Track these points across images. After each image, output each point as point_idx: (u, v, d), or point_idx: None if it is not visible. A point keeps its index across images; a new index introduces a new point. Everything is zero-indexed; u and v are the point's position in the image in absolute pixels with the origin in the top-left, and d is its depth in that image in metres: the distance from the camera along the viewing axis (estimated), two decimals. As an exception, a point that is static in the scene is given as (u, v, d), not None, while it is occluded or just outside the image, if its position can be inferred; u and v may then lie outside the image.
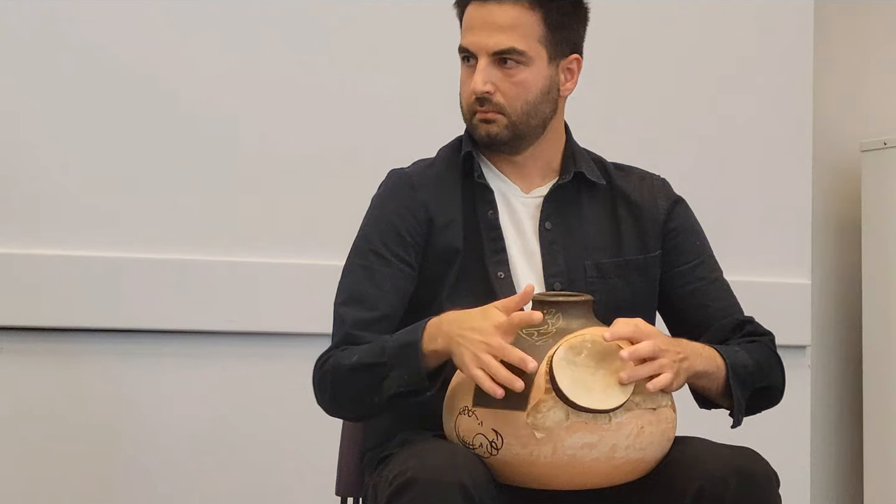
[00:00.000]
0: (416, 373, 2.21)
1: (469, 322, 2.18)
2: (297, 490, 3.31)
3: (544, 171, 2.49)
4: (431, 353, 2.21)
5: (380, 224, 2.44)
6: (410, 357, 2.22)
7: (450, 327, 2.20)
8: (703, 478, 2.17)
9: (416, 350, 2.21)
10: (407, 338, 2.25)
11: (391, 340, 2.27)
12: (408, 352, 2.22)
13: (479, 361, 2.14)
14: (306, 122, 3.43)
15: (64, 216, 3.21)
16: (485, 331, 2.15)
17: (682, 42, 3.91)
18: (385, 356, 2.24)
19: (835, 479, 4.24)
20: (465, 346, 2.16)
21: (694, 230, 2.55)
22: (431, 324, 2.23)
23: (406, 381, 2.22)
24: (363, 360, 2.27)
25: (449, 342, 2.19)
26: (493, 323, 2.16)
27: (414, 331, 2.24)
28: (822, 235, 4.21)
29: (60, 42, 3.22)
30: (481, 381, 2.13)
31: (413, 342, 2.22)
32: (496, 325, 2.15)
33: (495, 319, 2.16)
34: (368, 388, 2.26)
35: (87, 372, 3.22)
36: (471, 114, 2.43)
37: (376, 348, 2.27)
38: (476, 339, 2.15)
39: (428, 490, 2.07)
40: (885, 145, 4.11)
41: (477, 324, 2.17)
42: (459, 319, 2.20)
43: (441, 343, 2.20)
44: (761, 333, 2.48)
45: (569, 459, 2.14)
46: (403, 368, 2.22)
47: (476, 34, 2.39)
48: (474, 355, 2.14)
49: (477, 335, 2.15)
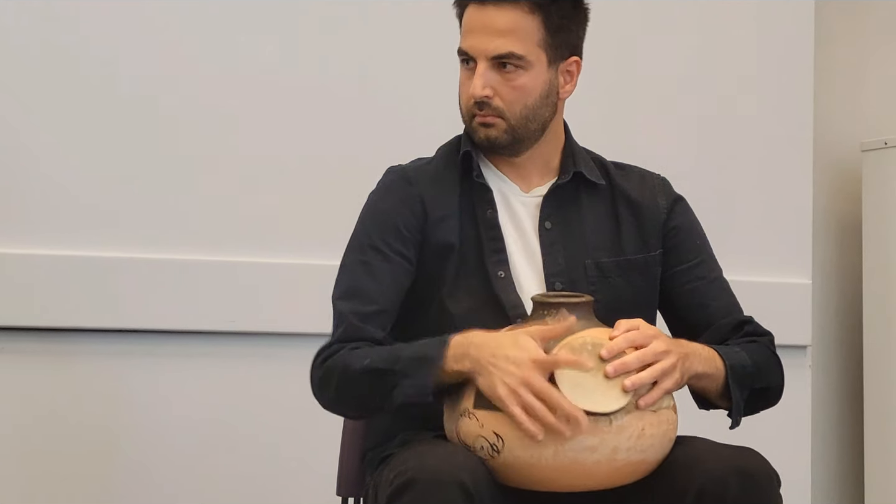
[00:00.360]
0: (430, 386, 2.19)
1: (502, 350, 2.14)
2: (298, 490, 3.31)
3: (543, 171, 2.49)
4: (454, 372, 2.19)
5: (377, 219, 2.43)
6: (427, 371, 2.19)
7: (478, 352, 2.16)
8: (704, 478, 2.17)
9: (435, 365, 2.19)
10: (426, 351, 2.22)
11: (407, 350, 2.24)
12: (425, 365, 2.19)
13: (520, 399, 2.11)
14: (306, 122, 3.43)
15: (62, 216, 3.20)
16: (521, 363, 2.12)
17: (683, 42, 3.91)
18: (399, 364, 2.22)
19: (835, 479, 4.23)
20: (499, 378, 2.12)
21: (694, 229, 2.54)
22: (457, 342, 2.20)
23: (417, 391, 2.20)
24: (374, 364, 2.24)
25: (478, 368, 2.15)
26: (531, 356, 2.12)
27: (435, 346, 2.21)
28: (823, 235, 4.21)
29: (59, 43, 3.22)
30: (521, 422, 2.10)
31: (433, 358, 2.19)
32: (534, 360, 2.13)
33: (533, 353, 2.13)
34: (376, 394, 2.25)
35: (85, 372, 3.22)
36: (470, 117, 2.42)
37: (391, 355, 2.25)
38: (512, 372, 2.12)
39: (428, 490, 2.07)
40: (886, 145, 4.11)
41: (511, 353, 2.13)
42: (490, 345, 2.16)
43: (468, 365, 2.16)
44: (761, 333, 2.47)
45: (570, 462, 2.13)
46: (417, 380, 2.20)
47: (475, 38, 2.38)
48: (511, 391, 2.11)
49: (513, 367, 2.12)
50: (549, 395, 2.11)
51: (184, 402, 3.29)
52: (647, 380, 2.15)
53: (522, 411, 2.11)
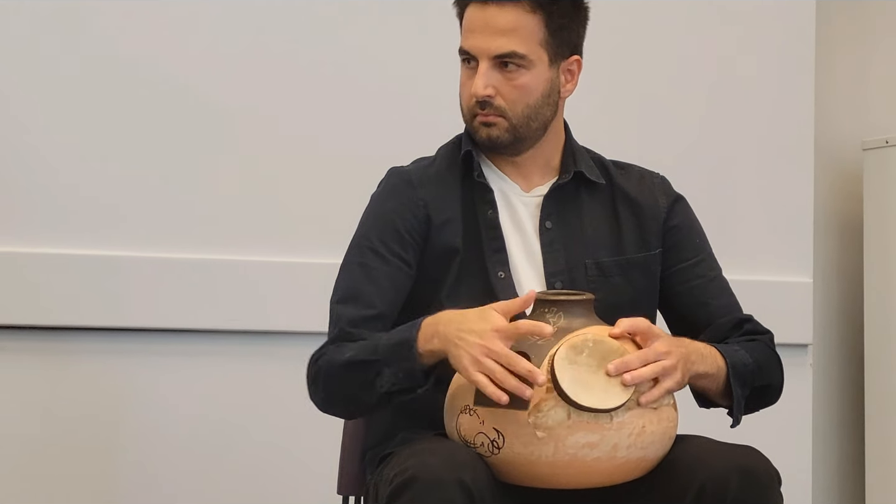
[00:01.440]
0: (410, 371, 2.21)
1: (467, 324, 2.17)
2: (299, 489, 3.31)
3: (544, 171, 2.49)
4: (427, 352, 2.20)
5: (378, 222, 2.43)
6: (405, 355, 2.21)
7: (446, 328, 2.19)
8: (705, 476, 2.17)
9: (411, 348, 2.21)
10: (401, 336, 2.24)
11: (385, 338, 2.26)
12: (402, 349, 2.22)
13: (481, 366, 2.13)
14: (307, 121, 3.43)
15: (64, 215, 3.21)
16: (484, 334, 2.14)
17: (684, 40, 3.90)
18: (378, 353, 2.24)
19: (836, 478, 4.23)
20: (464, 349, 2.15)
21: (694, 228, 2.55)
22: (427, 323, 2.22)
23: (400, 378, 2.22)
24: (356, 357, 2.26)
25: (446, 343, 2.18)
26: (493, 326, 2.15)
27: (409, 329, 2.24)
28: (824, 234, 4.21)
29: (64, 41, 3.22)
30: (483, 387, 2.12)
31: (407, 340, 2.22)
32: (496, 329, 2.14)
33: (495, 322, 2.15)
34: (361, 386, 2.26)
35: (88, 371, 3.22)
36: (471, 116, 2.42)
37: (370, 346, 2.27)
38: (475, 343, 2.14)
39: (428, 489, 2.07)
40: (887, 144, 4.11)
41: (476, 326, 2.15)
42: (456, 320, 2.19)
43: (437, 343, 2.19)
44: (761, 332, 2.47)
45: (570, 459, 2.14)
46: (397, 366, 2.22)
47: (476, 37, 2.38)
48: (474, 359, 2.14)
49: (476, 338, 2.14)
50: (508, 359, 2.12)
51: (185, 400, 3.29)
52: (647, 376, 2.16)
53: (485, 378, 2.12)
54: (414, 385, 2.22)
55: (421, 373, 2.22)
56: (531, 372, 2.11)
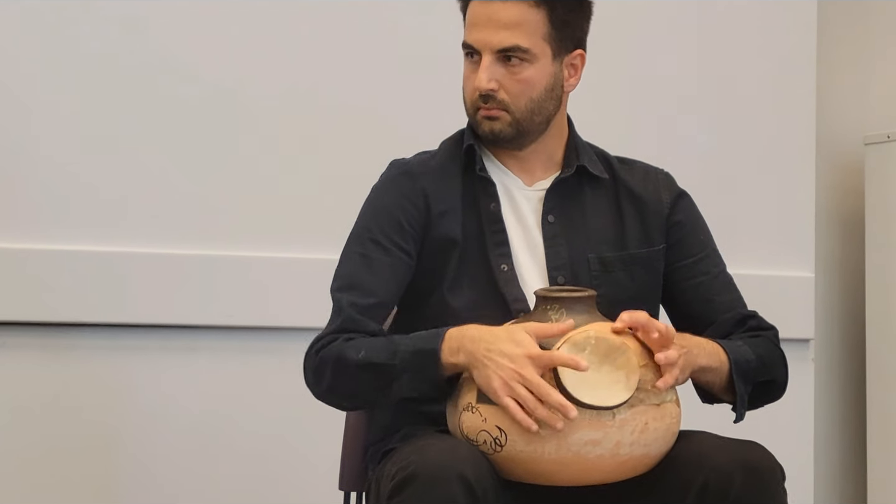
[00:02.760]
0: (433, 382, 2.21)
1: (497, 344, 2.16)
2: (301, 484, 3.31)
3: (547, 165, 2.49)
4: (450, 365, 2.20)
5: (379, 212, 2.43)
6: (427, 365, 2.20)
7: (474, 345, 2.17)
8: (708, 472, 2.17)
9: (434, 359, 2.20)
10: (423, 345, 2.23)
11: (403, 343, 2.25)
12: (424, 359, 2.21)
13: (512, 392, 2.12)
14: (307, 117, 3.42)
15: (67, 211, 3.20)
16: (516, 359, 2.13)
17: (685, 35, 3.90)
18: (397, 359, 2.23)
19: (838, 472, 4.23)
20: (494, 371, 2.14)
21: (698, 224, 2.54)
22: (451, 335, 2.21)
23: (423, 388, 2.22)
24: (371, 358, 2.25)
25: (473, 361, 2.17)
26: (526, 352, 2.14)
27: (431, 339, 2.22)
28: (826, 229, 4.21)
29: (66, 34, 3.21)
30: (514, 413, 2.11)
31: (431, 351, 2.21)
32: (529, 355, 2.13)
33: (528, 348, 2.14)
34: (375, 388, 2.26)
35: (90, 367, 3.22)
36: (475, 110, 2.42)
37: (387, 349, 2.25)
38: (507, 367, 2.13)
39: (429, 484, 2.07)
40: (889, 138, 4.10)
41: (507, 349, 2.14)
42: (485, 339, 2.17)
43: (463, 359, 2.18)
44: (765, 328, 2.47)
45: (573, 456, 2.14)
46: (418, 376, 2.21)
47: (480, 31, 2.38)
48: (504, 383, 2.13)
49: (507, 362, 2.13)
50: (540, 389, 2.12)
51: (187, 396, 3.29)
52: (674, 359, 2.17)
53: (515, 404, 2.12)
54: (433, 395, 2.22)
55: (443, 384, 2.21)
56: (563, 405, 2.10)
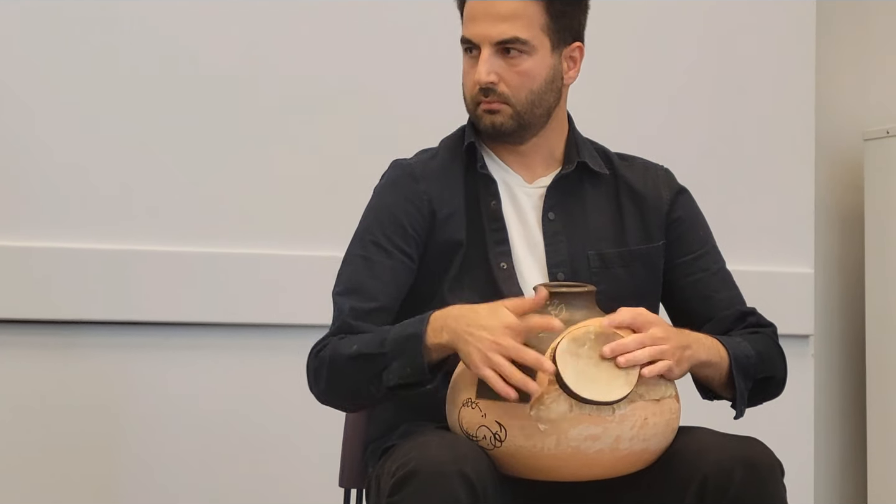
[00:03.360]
0: (419, 365, 2.20)
1: (477, 319, 2.16)
2: (301, 482, 3.31)
3: (547, 161, 2.49)
4: (436, 346, 2.20)
5: (381, 215, 2.43)
6: (413, 349, 2.21)
7: (456, 323, 2.18)
8: (708, 468, 2.17)
9: (419, 342, 2.20)
10: (409, 329, 2.23)
11: (392, 332, 2.26)
12: (410, 343, 2.21)
13: (490, 361, 2.13)
14: (308, 115, 3.43)
15: (71, 209, 3.20)
16: (495, 330, 2.14)
17: (684, 32, 3.90)
18: (385, 347, 2.23)
19: (838, 468, 4.23)
20: (474, 344, 2.14)
21: (697, 221, 2.54)
22: (436, 317, 2.22)
23: (408, 373, 2.21)
24: (362, 350, 2.26)
25: (455, 338, 2.17)
26: (504, 322, 2.14)
27: (417, 323, 2.23)
28: (825, 225, 4.21)
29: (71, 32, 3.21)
30: (493, 382, 2.12)
31: (416, 334, 2.21)
32: (507, 325, 2.14)
33: (506, 319, 2.15)
34: (367, 379, 2.26)
35: (94, 365, 3.22)
36: (475, 104, 2.42)
37: (376, 339, 2.26)
38: (485, 338, 2.14)
39: (430, 481, 2.07)
40: (888, 134, 4.11)
41: (486, 322, 2.15)
42: (466, 315, 2.18)
43: (446, 337, 2.19)
44: (764, 325, 2.47)
45: (573, 451, 2.14)
46: (405, 360, 2.21)
47: (478, 24, 2.38)
48: (484, 354, 2.13)
49: (486, 333, 2.14)
50: (516, 352, 2.12)
51: (188, 393, 3.29)
52: (643, 358, 2.15)
53: (494, 373, 2.12)
54: (421, 380, 2.22)
55: (428, 367, 2.21)
56: (538, 360, 2.11)
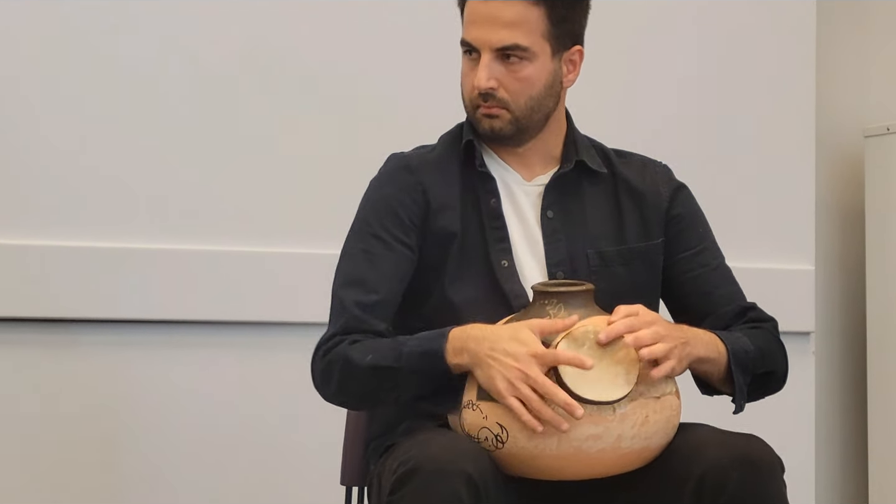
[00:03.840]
0: (439, 382, 2.21)
1: (500, 343, 2.16)
2: (303, 480, 3.31)
3: (546, 160, 2.48)
4: (454, 366, 2.20)
5: (378, 207, 2.42)
6: (432, 367, 2.20)
7: (477, 345, 2.18)
8: (706, 465, 2.17)
9: (439, 360, 2.20)
10: (428, 346, 2.23)
11: (409, 345, 2.25)
12: (429, 361, 2.21)
13: (516, 391, 2.12)
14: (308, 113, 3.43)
15: (75, 207, 3.20)
16: (520, 358, 2.14)
17: (685, 29, 3.90)
18: (402, 361, 2.23)
19: (839, 465, 4.24)
20: (498, 371, 2.14)
21: (696, 217, 2.54)
22: (455, 336, 2.21)
23: (428, 388, 2.22)
24: (379, 362, 2.25)
25: (476, 360, 2.17)
26: (530, 351, 2.14)
27: (436, 339, 2.23)
28: (826, 221, 4.21)
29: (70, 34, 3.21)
30: (520, 414, 2.12)
31: (436, 352, 2.21)
32: (533, 354, 2.14)
33: (532, 347, 2.14)
34: (383, 390, 2.26)
35: (94, 363, 3.22)
36: (474, 108, 2.42)
37: (392, 351, 2.25)
38: (511, 366, 2.13)
39: (431, 479, 2.07)
40: (889, 131, 4.11)
41: (511, 348, 2.15)
42: (488, 338, 2.18)
43: (467, 359, 2.18)
44: (764, 320, 2.47)
45: (574, 451, 2.14)
46: (424, 377, 2.21)
47: (479, 29, 2.37)
48: (509, 383, 2.13)
49: (511, 361, 2.14)
50: (545, 388, 2.12)
51: (188, 391, 3.29)
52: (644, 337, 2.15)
53: (520, 404, 2.12)
54: (441, 395, 2.22)
55: (448, 384, 2.21)
56: (569, 404, 2.11)
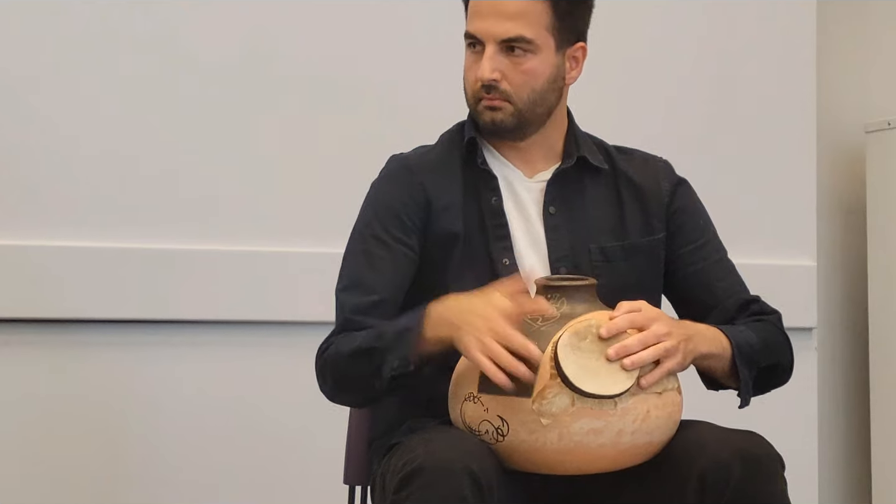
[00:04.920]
0: (420, 358, 2.21)
1: (472, 307, 2.17)
2: (306, 479, 3.32)
3: (547, 156, 2.49)
4: (435, 339, 2.21)
5: (379, 208, 2.43)
6: (411, 341, 2.21)
7: (451, 313, 2.19)
8: (707, 463, 2.17)
9: (416, 334, 2.21)
10: (405, 323, 2.24)
11: (390, 325, 2.27)
12: (407, 337, 2.22)
13: (484, 348, 2.13)
14: (309, 111, 3.43)
15: (79, 207, 3.21)
16: (489, 316, 2.15)
17: (685, 24, 3.90)
18: (382, 341, 2.24)
19: (842, 461, 4.24)
20: (469, 332, 2.15)
21: (697, 211, 2.54)
22: (433, 309, 2.22)
23: (397, 364, 2.22)
24: (361, 345, 2.27)
25: (452, 329, 2.18)
26: (498, 307, 2.15)
27: (413, 316, 2.24)
28: (828, 217, 4.21)
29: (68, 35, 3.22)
30: (486, 369, 2.12)
31: (411, 327, 2.22)
32: (501, 311, 2.15)
33: (500, 305, 2.15)
34: (369, 373, 2.26)
35: (96, 363, 3.23)
36: (476, 100, 2.42)
37: (374, 333, 2.27)
38: (480, 325, 2.14)
39: (436, 477, 2.07)
40: (890, 126, 4.11)
41: (481, 309, 2.16)
42: (461, 305, 2.19)
43: (445, 330, 2.19)
44: (768, 312, 2.47)
45: (575, 445, 2.14)
46: (404, 353, 2.22)
47: (484, 21, 2.38)
48: (479, 341, 2.14)
49: (480, 321, 2.15)
50: (510, 339, 2.12)
51: (191, 392, 3.29)
52: (648, 359, 2.15)
53: (489, 360, 2.12)
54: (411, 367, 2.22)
55: (420, 358, 2.22)
56: (524, 345, 2.12)
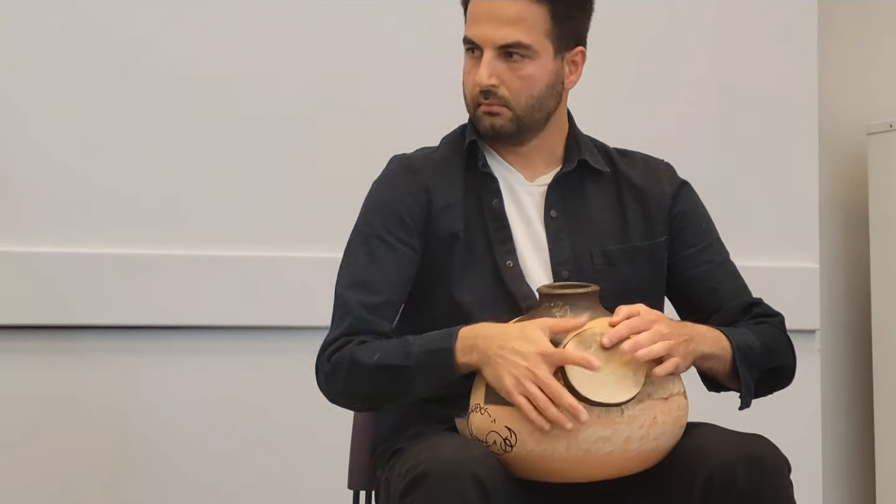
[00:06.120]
0: (448, 382, 2.21)
1: (510, 342, 2.16)
2: (310, 484, 3.31)
3: (548, 160, 2.48)
4: (464, 365, 2.20)
5: (381, 208, 2.43)
6: (441, 365, 2.21)
7: (487, 344, 2.18)
8: (713, 466, 2.17)
9: (448, 359, 2.20)
10: (437, 344, 2.23)
11: (417, 344, 2.25)
12: (438, 360, 2.21)
13: (524, 389, 2.13)
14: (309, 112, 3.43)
15: (79, 214, 3.20)
16: (528, 356, 2.14)
17: (687, 28, 3.90)
18: (411, 360, 2.23)
19: (846, 463, 4.23)
20: (507, 369, 2.14)
21: (700, 213, 2.54)
22: (465, 335, 2.21)
23: (437, 387, 2.22)
24: (386, 361, 2.25)
25: (485, 358, 2.17)
26: (538, 349, 2.14)
27: (445, 338, 2.23)
28: (830, 219, 4.21)
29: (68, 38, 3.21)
30: (527, 412, 2.12)
31: (445, 350, 2.21)
32: (541, 353, 2.14)
33: (540, 346, 2.15)
34: (391, 389, 2.26)
35: (96, 369, 3.22)
36: (475, 105, 2.41)
37: (399, 350, 2.25)
38: (519, 364, 2.14)
39: (441, 483, 2.07)
40: (891, 127, 4.10)
41: (520, 346, 2.15)
42: (497, 336, 2.18)
43: (476, 358, 2.19)
44: (770, 314, 2.47)
45: (583, 454, 2.14)
46: (433, 376, 2.22)
47: (482, 26, 2.37)
48: (517, 381, 2.13)
49: (520, 360, 2.14)
50: (552, 390, 2.12)
51: (195, 396, 3.29)
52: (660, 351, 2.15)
53: (528, 402, 2.12)
54: (450, 395, 2.22)
55: (457, 382, 2.21)
56: (574, 407, 2.11)
